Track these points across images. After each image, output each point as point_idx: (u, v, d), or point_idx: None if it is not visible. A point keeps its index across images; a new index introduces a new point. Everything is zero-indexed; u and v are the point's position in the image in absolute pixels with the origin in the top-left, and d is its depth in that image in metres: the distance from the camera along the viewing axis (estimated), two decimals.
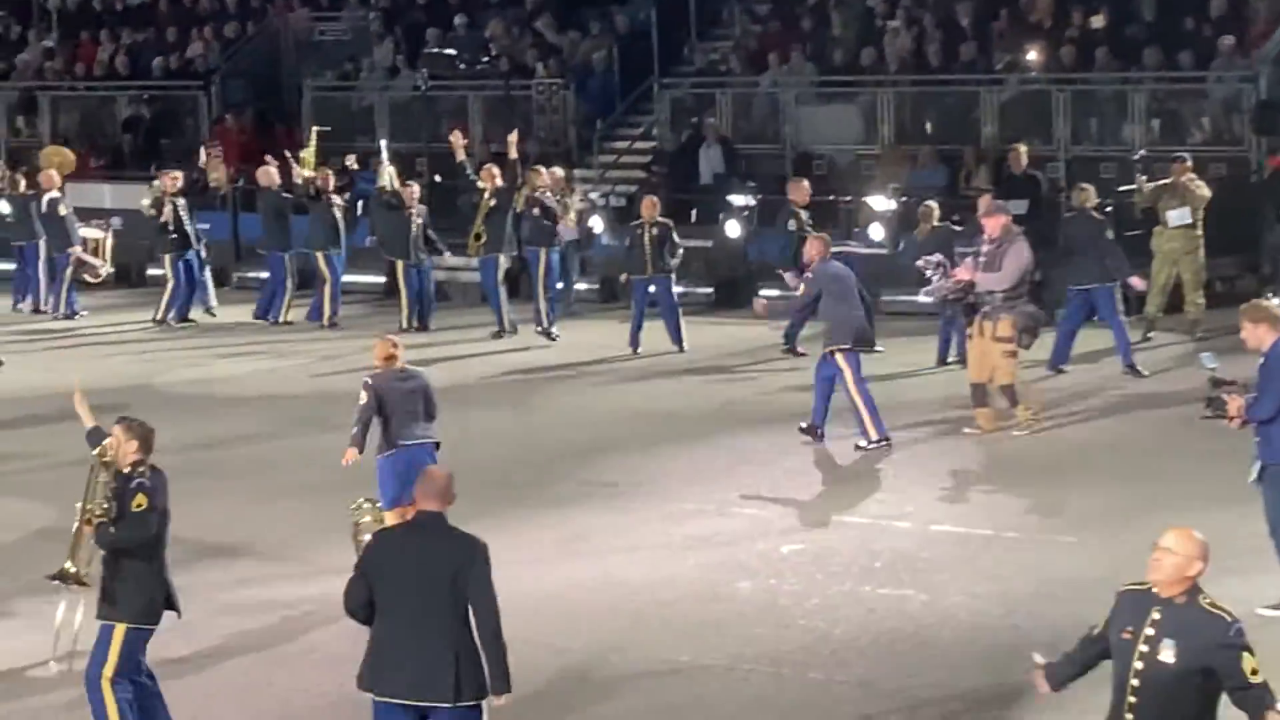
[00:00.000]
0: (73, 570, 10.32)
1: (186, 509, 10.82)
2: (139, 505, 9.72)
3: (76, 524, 10.08)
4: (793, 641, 10.74)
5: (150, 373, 19.74)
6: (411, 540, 8.32)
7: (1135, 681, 6.73)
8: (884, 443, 15.11)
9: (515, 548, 11.43)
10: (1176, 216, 18.70)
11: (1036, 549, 12.28)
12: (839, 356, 15.09)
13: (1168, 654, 6.66)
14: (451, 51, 28.49)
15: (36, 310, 23.48)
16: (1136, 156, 20.53)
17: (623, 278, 21.06)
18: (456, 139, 21.89)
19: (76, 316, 23.21)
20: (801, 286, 15.92)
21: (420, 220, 21.65)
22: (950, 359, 18.12)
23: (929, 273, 16.28)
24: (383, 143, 23.73)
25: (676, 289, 20.21)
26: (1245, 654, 6.67)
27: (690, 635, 10.78)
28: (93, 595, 9.82)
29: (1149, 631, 6.72)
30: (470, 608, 8.07)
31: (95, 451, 10.14)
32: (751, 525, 13.22)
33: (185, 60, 32.32)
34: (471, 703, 8.07)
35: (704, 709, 9.88)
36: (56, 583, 10.41)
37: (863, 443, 14.73)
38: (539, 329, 20.49)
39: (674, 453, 15.38)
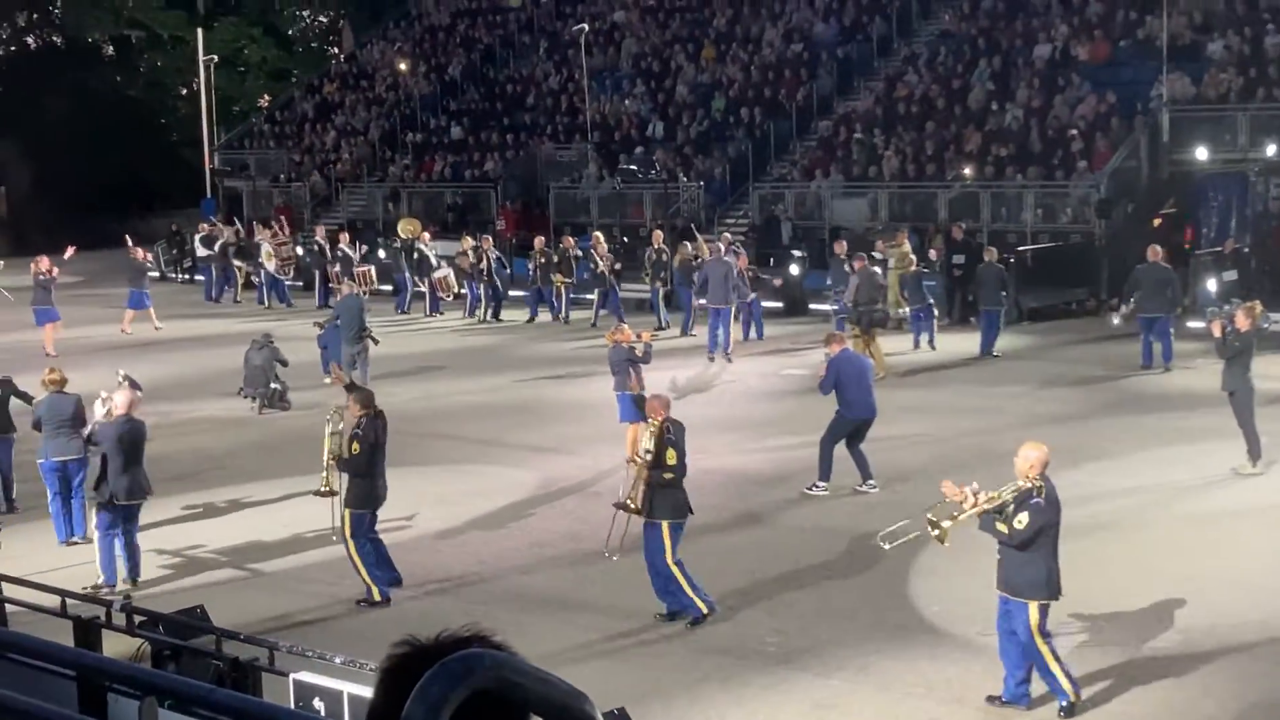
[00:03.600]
0: (324, 489, 12.63)
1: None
2: (354, 450, 11.58)
3: (325, 459, 12.46)
4: None
5: (448, 342, 28.63)
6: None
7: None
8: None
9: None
10: None
11: None
12: None
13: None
14: (634, 167, 36.18)
15: (401, 311, 32.91)
16: None
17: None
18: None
19: (436, 316, 31.90)
20: None
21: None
22: None
23: None
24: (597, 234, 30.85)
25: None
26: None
27: None
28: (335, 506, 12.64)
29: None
30: None
31: (328, 419, 12.53)
32: None
33: (482, 171, 39.64)
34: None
35: None
36: (316, 496, 12.96)
37: None
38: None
39: None
